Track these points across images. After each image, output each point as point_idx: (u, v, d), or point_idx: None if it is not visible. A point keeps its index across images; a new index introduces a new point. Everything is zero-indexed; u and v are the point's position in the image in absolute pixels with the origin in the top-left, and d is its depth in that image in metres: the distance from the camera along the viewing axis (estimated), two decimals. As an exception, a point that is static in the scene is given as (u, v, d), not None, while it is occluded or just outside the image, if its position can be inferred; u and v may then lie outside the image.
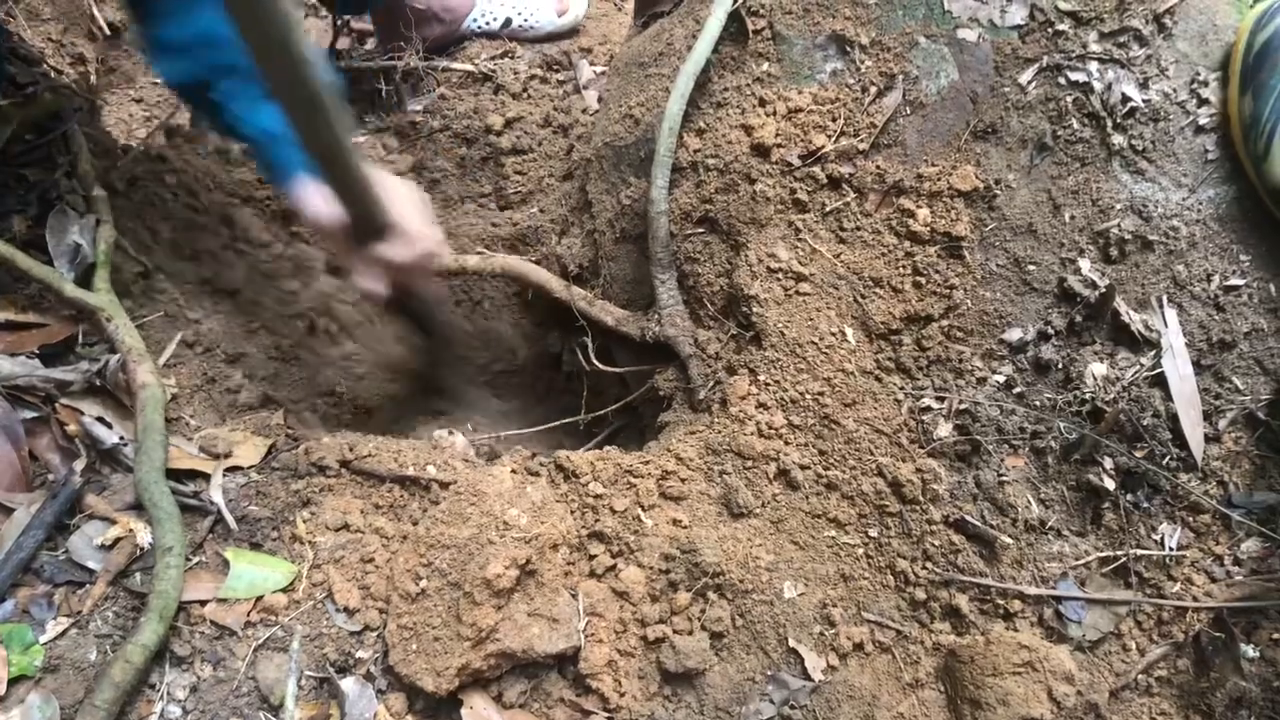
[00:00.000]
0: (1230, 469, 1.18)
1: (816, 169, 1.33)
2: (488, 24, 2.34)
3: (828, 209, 1.33)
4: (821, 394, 1.27)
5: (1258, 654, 1.13)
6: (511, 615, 1.07)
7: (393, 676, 1.07)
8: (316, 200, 1.41)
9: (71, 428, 1.23)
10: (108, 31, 2.38)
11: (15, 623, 1.05)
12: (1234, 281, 1.20)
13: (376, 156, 2.15)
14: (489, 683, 1.09)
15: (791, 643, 1.16)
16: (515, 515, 1.12)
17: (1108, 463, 1.18)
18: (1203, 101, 1.22)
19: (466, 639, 1.04)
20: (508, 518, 1.12)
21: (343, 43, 2.37)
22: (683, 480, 1.26)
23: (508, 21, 2.33)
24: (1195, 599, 1.16)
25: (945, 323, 1.26)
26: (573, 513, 1.23)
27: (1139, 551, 1.18)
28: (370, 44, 2.49)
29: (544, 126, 2.11)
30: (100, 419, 1.24)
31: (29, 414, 1.22)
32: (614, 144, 1.56)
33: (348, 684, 1.03)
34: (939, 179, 1.27)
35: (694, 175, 1.41)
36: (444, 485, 1.26)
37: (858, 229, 1.31)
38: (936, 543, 1.20)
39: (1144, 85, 1.22)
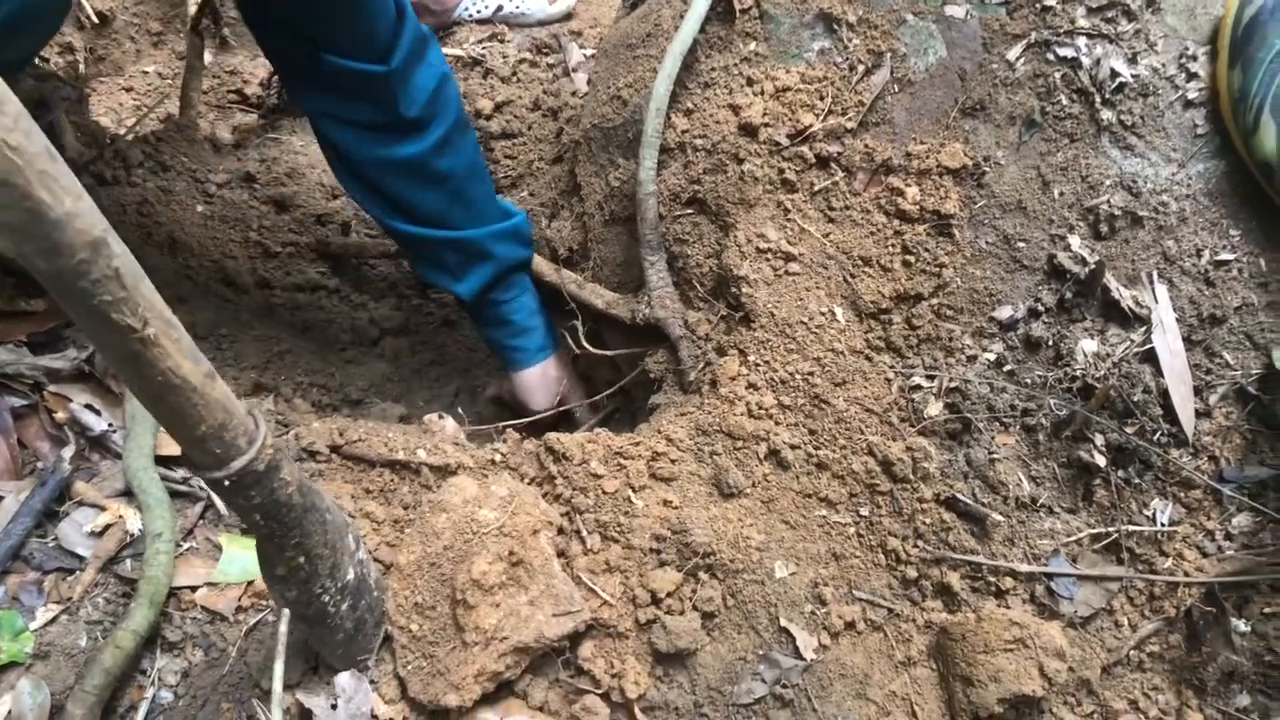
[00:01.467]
0: (1221, 444, 1.18)
1: (805, 148, 1.32)
2: (479, 11, 2.33)
3: (816, 188, 1.32)
4: (811, 374, 1.27)
5: (1249, 628, 1.13)
6: (514, 610, 1.06)
7: (418, 708, 1.06)
8: (538, 394, 1.72)
9: (60, 415, 1.23)
10: (96, 20, 2.36)
11: (5, 609, 1.05)
12: (1224, 256, 1.20)
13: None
14: (512, 685, 1.09)
15: (783, 622, 1.16)
16: (486, 515, 1.12)
17: (1099, 439, 1.18)
18: (1191, 76, 1.21)
19: (475, 644, 1.04)
20: (479, 519, 1.11)
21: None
22: (673, 461, 1.26)
23: (499, 8, 2.32)
24: (1187, 574, 1.16)
25: (935, 301, 1.26)
26: (558, 497, 1.23)
27: (1130, 527, 1.18)
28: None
29: (533, 110, 2.10)
30: (89, 406, 1.24)
31: (17, 402, 1.22)
32: (602, 126, 1.55)
33: (342, 679, 1.03)
34: (928, 157, 1.27)
35: (682, 156, 1.41)
36: (434, 469, 1.26)
37: (846, 208, 1.31)
38: (927, 521, 1.20)
39: (1132, 60, 1.21)
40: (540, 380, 1.72)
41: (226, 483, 0.74)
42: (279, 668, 0.90)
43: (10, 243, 0.53)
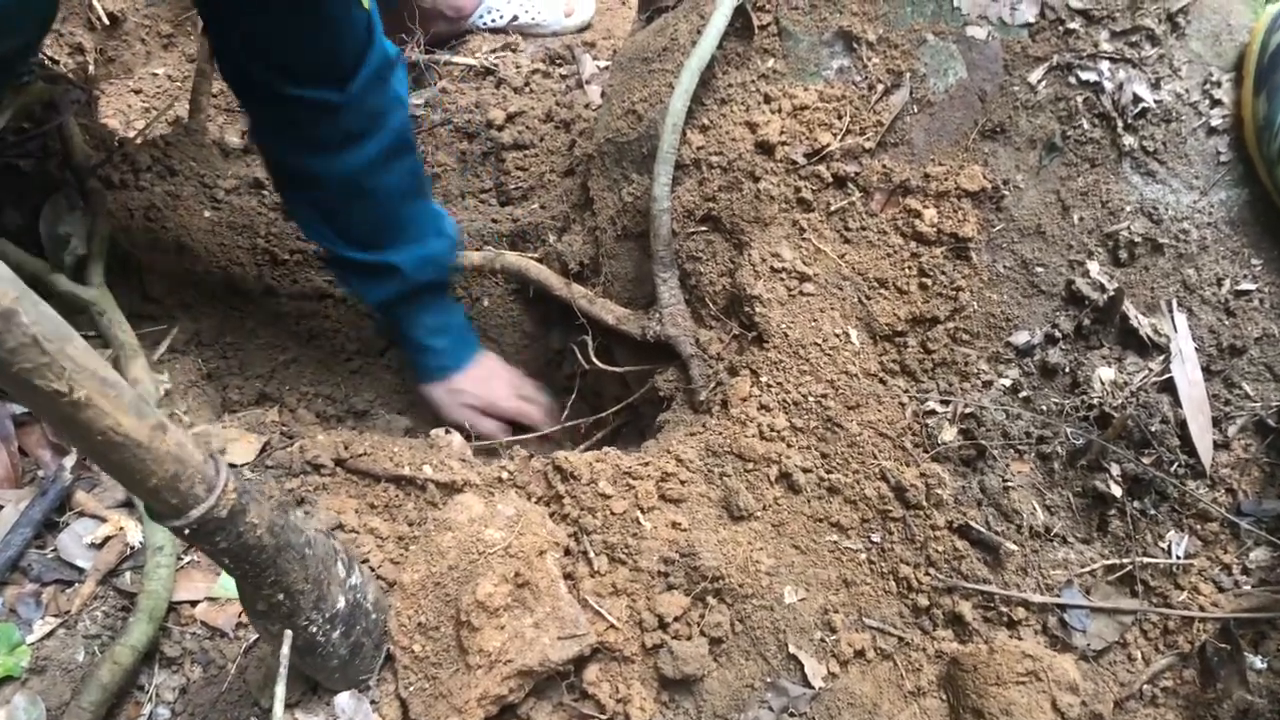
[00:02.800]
0: (1239, 476, 1.17)
1: (822, 167, 1.31)
2: (494, 20, 2.32)
3: (833, 208, 1.31)
4: (824, 396, 1.25)
5: (1265, 665, 1.11)
6: (519, 632, 1.05)
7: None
8: (441, 409, 1.76)
9: (62, 423, 1.21)
10: (106, 21, 2.36)
11: (2, 622, 1.03)
12: (1245, 286, 1.18)
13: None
14: (516, 709, 1.07)
15: (791, 649, 1.15)
16: (491, 534, 1.10)
17: (1115, 469, 1.17)
18: (1215, 103, 1.20)
19: (479, 667, 1.02)
20: (485, 538, 1.09)
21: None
22: (682, 482, 1.24)
23: (514, 18, 2.32)
24: (1202, 609, 1.14)
25: (951, 325, 1.24)
26: (565, 517, 1.21)
27: (1145, 560, 1.16)
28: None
29: (546, 121, 2.08)
30: (92, 415, 1.22)
31: (19, 409, 1.20)
32: (616, 140, 1.54)
33: (342, 699, 1.01)
34: (946, 179, 1.25)
35: (697, 172, 1.39)
36: (440, 486, 1.24)
37: (863, 229, 1.29)
38: (940, 548, 1.18)
39: (1156, 85, 1.20)
40: (441, 394, 1.77)
41: (187, 531, 0.73)
42: (280, 690, 0.88)
43: None
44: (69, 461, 1.17)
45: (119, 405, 0.62)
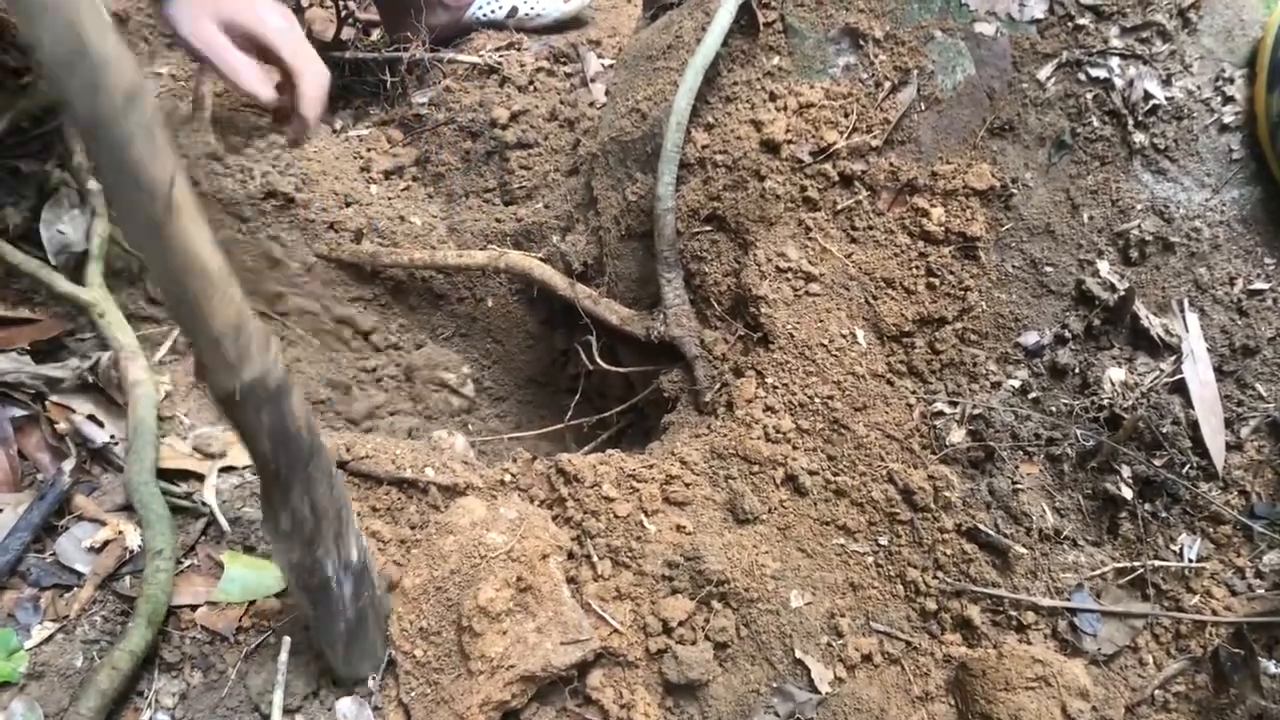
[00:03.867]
0: (1252, 478, 1.15)
1: (828, 166, 1.29)
2: (493, 12, 2.30)
3: (839, 207, 1.29)
4: (831, 397, 1.24)
5: (1279, 670, 1.09)
6: (522, 637, 1.04)
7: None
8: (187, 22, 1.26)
9: (61, 426, 1.20)
10: (111, 20, 2.34)
11: (0, 627, 1.03)
12: (1258, 285, 1.17)
13: (380, 149, 2.12)
14: (519, 714, 1.06)
15: (798, 653, 1.13)
16: (494, 538, 1.09)
17: (1125, 471, 1.15)
18: (1228, 99, 1.18)
19: (480, 673, 1.01)
20: (487, 542, 1.08)
21: (347, 33, 2.33)
22: (687, 485, 1.23)
23: (513, 10, 2.30)
24: (1214, 612, 1.13)
25: (959, 325, 1.23)
26: (568, 520, 1.20)
27: (1157, 563, 1.14)
28: (375, 34, 2.46)
29: (550, 120, 2.07)
30: (91, 417, 1.21)
31: (18, 412, 1.19)
32: (620, 139, 1.52)
33: (344, 704, 1.00)
34: (954, 177, 1.24)
35: (702, 171, 1.38)
36: (442, 488, 1.23)
37: (870, 228, 1.28)
38: (948, 552, 1.17)
39: (1167, 82, 1.18)
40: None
41: (237, 395, 0.73)
42: (278, 697, 0.87)
43: (57, 77, 0.55)
44: (68, 465, 1.17)
45: (202, 232, 0.64)
